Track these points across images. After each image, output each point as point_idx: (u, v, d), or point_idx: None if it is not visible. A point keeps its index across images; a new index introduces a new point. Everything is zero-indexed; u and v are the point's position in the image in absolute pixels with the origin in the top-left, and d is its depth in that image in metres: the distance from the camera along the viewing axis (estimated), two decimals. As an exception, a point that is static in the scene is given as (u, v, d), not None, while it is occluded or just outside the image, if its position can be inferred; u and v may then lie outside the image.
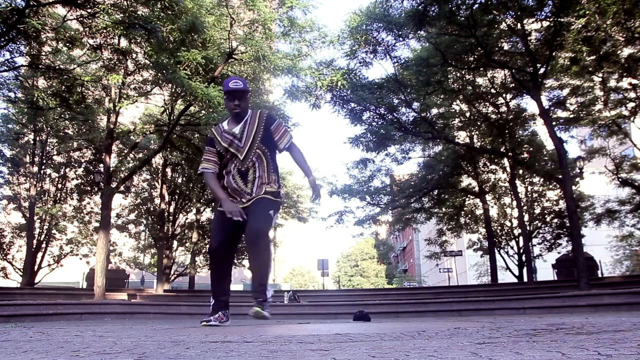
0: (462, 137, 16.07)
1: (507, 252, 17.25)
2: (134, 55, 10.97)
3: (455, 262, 30.48)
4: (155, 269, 18.35)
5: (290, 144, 3.48)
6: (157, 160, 16.31)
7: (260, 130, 3.41)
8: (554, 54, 10.59)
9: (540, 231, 16.67)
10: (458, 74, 13.58)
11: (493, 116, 14.79)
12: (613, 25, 9.51)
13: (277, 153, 3.52)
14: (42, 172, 15.65)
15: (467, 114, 15.44)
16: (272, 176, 3.40)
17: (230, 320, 3.56)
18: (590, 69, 11.89)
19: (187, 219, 18.78)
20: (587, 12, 9.10)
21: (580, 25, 9.51)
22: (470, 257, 27.50)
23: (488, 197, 16.56)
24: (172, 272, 18.25)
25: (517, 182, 15.55)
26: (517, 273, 16.72)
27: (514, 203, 16.13)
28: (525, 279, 15.27)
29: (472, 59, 11.92)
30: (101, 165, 13.19)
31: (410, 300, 9.43)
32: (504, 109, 14.80)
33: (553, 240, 16.45)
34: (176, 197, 17.56)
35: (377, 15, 11.25)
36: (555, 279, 14.91)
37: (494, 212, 17.48)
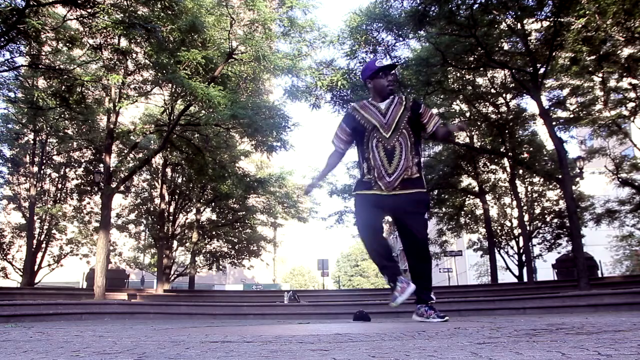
0: (462, 137, 16.07)
1: (507, 252, 17.25)
2: (134, 55, 10.97)
3: (455, 262, 30.49)
4: (155, 269, 18.35)
5: (438, 126, 3.38)
6: (157, 160, 16.31)
7: (407, 112, 3.30)
8: (554, 54, 10.58)
9: (540, 231, 16.68)
10: (458, 74, 13.57)
11: (493, 116, 14.79)
12: (613, 25, 9.50)
13: (425, 135, 3.44)
14: (42, 172, 15.65)
15: (467, 114, 15.44)
16: (414, 159, 3.27)
17: (232, 320, 3.56)
18: (590, 69, 11.88)
19: (187, 219, 18.78)
20: (587, 12, 9.09)
21: (580, 25, 9.50)
22: (470, 257, 27.49)
23: (488, 197, 16.56)
24: (172, 272, 18.25)
25: (517, 182, 15.55)
26: (517, 273, 16.73)
27: (514, 203, 16.13)
28: (525, 279, 15.27)
29: (472, 59, 11.91)
30: (101, 165, 13.19)
31: (411, 301, 9.41)
32: (504, 109, 14.80)
33: (553, 240, 16.46)
34: (176, 197, 17.56)
35: (377, 15, 11.24)
36: (555, 279, 14.91)
37: (494, 212, 17.48)
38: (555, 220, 16.40)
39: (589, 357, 1.23)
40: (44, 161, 15.67)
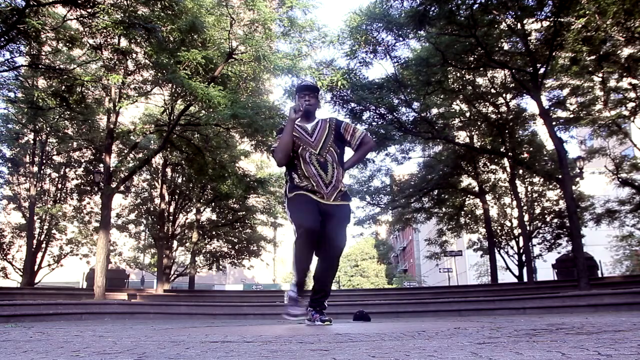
0: (462, 137, 16.07)
1: (507, 252, 17.25)
2: (134, 55, 10.97)
3: (455, 262, 30.48)
4: (155, 269, 18.35)
5: (364, 136, 3.61)
6: (157, 160, 16.30)
7: (332, 132, 3.54)
8: (554, 54, 10.58)
9: (540, 231, 16.67)
10: (458, 74, 13.57)
11: (493, 116, 14.78)
12: (613, 25, 9.50)
13: (352, 149, 3.64)
14: (42, 172, 15.65)
15: (467, 114, 15.44)
16: (342, 174, 3.49)
17: (232, 320, 3.59)
18: (590, 69, 11.88)
19: (187, 219, 18.79)
20: (587, 12, 9.09)
21: (580, 25, 9.50)
22: (470, 257, 27.49)
23: (488, 197, 16.55)
24: (172, 272, 18.25)
25: (517, 182, 15.54)
26: (517, 273, 16.72)
27: (514, 203, 16.13)
28: (525, 279, 15.27)
29: (472, 59, 11.91)
30: (101, 165, 13.19)
31: (410, 300, 9.43)
32: (504, 109, 14.79)
33: (553, 240, 16.45)
34: (176, 197, 17.57)
35: (377, 15, 11.24)
36: (555, 279, 14.91)
37: (494, 212, 17.47)
38: (555, 220, 16.40)
39: (589, 357, 1.23)
40: (44, 161, 15.67)
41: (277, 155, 3.43)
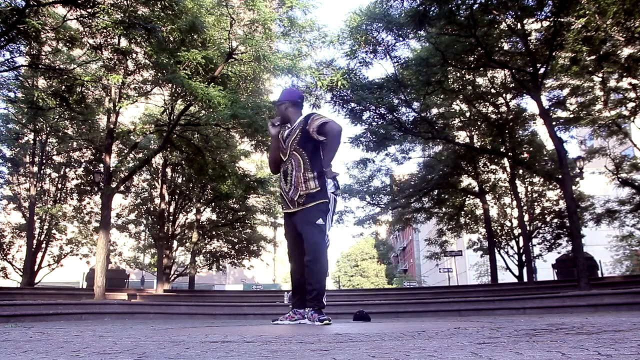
0: (462, 137, 16.07)
1: (507, 252, 17.25)
2: (134, 55, 10.96)
3: (455, 262, 30.49)
4: (155, 269, 18.35)
5: (321, 125, 3.48)
6: (157, 160, 16.30)
7: (298, 131, 3.57)
8: (554, 54, 10.58)
9: (540, 231, 16.68)
10: (458, 74, 13.57)
11: (493, 116, 14.78)
12: (613, 25, 9.51)
13: (321, 145, 3.54)
14: (42, 172, 15.65)
15: (467, 114, 15.44)
16: (307, 174, 3.45)
17: (232, 320, 3.58)
18: (590, 69, 11.89)
19: (187, 219, 18.79)
20: (587, 12, 9.10)
21: (580, 25, 9.51)
22: (470, 257, 27.50)
23: (488, 197, 16.55)
24: (172, 272, 18.25)
25: (517, 182, 15.54)
26: (517, 273, 16.73)
27: (514, 203, 16.13)
28: (525, 279, 15.27)
29: (472, 59, 11.91)
30: (101, 165, 13.19)
31: (410, 300, 9.43)
32: (504, 109, 14.80)
33: (553, 240, 16.46)
34: (176, 197, 17.57)
35: (377, 15, 11.25)
36: (555, 279, 14.91)
37: (494, 212, 17.48)
38: (555, 220, 16.40)
39: (589, 357, 1.23)
40: (44, 161, 15.67)
41: (270, 166, 3.76)
